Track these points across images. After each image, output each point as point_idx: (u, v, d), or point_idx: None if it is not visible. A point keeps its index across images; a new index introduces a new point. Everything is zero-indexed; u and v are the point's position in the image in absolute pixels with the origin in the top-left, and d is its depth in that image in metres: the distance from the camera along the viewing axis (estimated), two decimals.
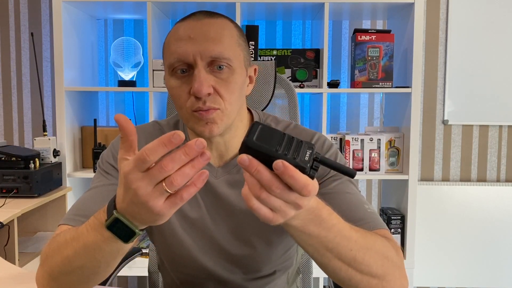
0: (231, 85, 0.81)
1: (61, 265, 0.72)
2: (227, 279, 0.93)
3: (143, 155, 0.54)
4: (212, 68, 0.80)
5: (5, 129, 2.51)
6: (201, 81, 0.77)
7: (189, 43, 0.79)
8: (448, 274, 2.43)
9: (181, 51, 0.79)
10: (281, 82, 1.27)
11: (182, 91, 0.81)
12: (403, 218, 2.14)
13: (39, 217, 2.10)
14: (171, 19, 2.43)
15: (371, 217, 0.80)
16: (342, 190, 0.85)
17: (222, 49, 0.79)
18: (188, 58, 0.79)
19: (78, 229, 0.70)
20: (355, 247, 0.66)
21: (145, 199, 0.56)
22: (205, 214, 0.91)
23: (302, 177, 0.54)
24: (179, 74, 0.81)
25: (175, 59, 0.80)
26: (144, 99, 2.46)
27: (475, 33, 2.39)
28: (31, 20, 2.46)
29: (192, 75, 0.79)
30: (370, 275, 0.68)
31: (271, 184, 0.54)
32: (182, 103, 0.81)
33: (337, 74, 2.46)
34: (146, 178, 0.55)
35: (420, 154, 2.48)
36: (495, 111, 2.42)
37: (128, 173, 0.56)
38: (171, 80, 0.82)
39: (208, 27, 0.80)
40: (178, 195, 0.56)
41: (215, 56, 0.79)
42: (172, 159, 0.54)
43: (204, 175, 0.56)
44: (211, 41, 0.79)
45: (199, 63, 0.79)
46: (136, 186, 0.55)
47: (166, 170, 0.54)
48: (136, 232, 0.61)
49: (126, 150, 0.58)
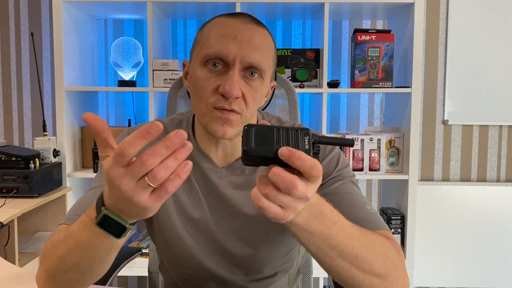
0: (258, 94, 0.83)
1: (57, 264, 0.72)
2: (228, 279, 0.93)
3: (121, 149, 0.53)
4: (245, 73, 0.81)
5: (5, 129, 2.51)
6: (234, 83, 0.78)
7: (234, 43, 0.79)
8: (448, 274, 2.43)
9: (224, 48, 0.79)
10: (281, 82, 1.27)
11: (208, 85, 0.81)
12: (403, 218, 2.14)
13: (39, 217, 2.10)
14: (171, 19, 2.43)
15: (372, 218, 0.81)
16: (344, 191, 0.85)
17: (261, 59, 0.80)
18: (228, 56, 0.79)
19: (71, 227, 0.70)
20: (357, 244, 0.66)
21: (129, 195, 0.55)
22: (207, 214, 0.91)
23: (309, 158, 0.54)
24: (211, 67, 0.81)
25: (214, 53, 0.80)
26: (144, 99, 2.46)
27: (475, 33, 2.39)
28: (31, 20, 2.46)
29: (224, 73, 0.80)
30: (372, 274, 0.68)
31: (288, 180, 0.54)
32: (204, 97, 0.81)
33: (337, 74, 2.46)
34: (128, 174, 0.54)
35: (420, 154, 2.48)
36: (495, 111, 2.42)
37: (109, 169, 0.55)
38: (200, 71, 0.82)
39: (255, 34, 0.81)
40: (163, 188, 0.55)
41: (254, 64, 0.80)
42: (153, 153, 0.53)
43: (188, 166, 0.55)
44: (254, 49, 0.80)
45: (237, 65, 0.79)
46: (119, 182, 0.55)
47: (147, 165, 0.53)
48: (127, 226, 0.61)
49: (103, 148, 0.58)
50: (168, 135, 0.52)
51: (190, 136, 0.93)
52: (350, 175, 0.89)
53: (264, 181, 0.55)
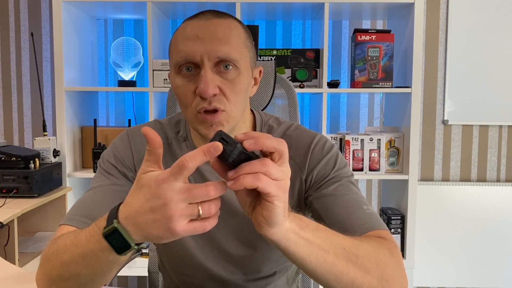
0: (237, 86, 0.81)
1: (59, 270, 0.71)
2: (227, 279, 0.93)
3: (183, 162, 0.53)
4: (218, 68, 0.80)
5: (5, 129, 2.51)
6: (207, 81, 0.77)
7: (197, 43, 0.78)
8: (448, 274, 2.43)
9: (189, 50, 0.78)
10: (281, 82, 1.27)
11: (187, 90, 0.80)
12: (403, 218, 2.14)
13: (39, 217, 2.10)
14: (171, 19, 2.43)
15: (369, 218, 0.80)
16: (341, 192, 0.85)
17: (229, 49, 0.79)
18: (195, 57, 0.78)
19: (78, 235, 0.69)
20: (348, 244, 0.68)
21: (172, 214, 0.54)
22: None
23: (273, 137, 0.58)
24: (185, 72, 0.80)
25: (182, 58, 0.79)
26: (144, 99, 2.46)
27: (475, 33, 2.39)
28: (31, 20, 2.46)
29: (198, 75, 0.79)
30: (368, 274, 0.68)
31: None
32: (187, 103, 0.81)
33: (337, 74, 2.46)
34: (184, 193, 0.54)
35: (420, 154, 2.48)
36: (495, 111, 2.42)
37: (163, 181, 0.54)
38: (177, 79, 0.82)
39: (216, 27, 0.80)
40: (205, 222, 0.56)
41: (222, 57, 0.78)
42: (216, 187, 0.55)
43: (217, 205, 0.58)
44: (219, 42, 0.79)
45: (206, 63, 0.78)
46: (170, 197, 0.54)
47: (209, 194, 0.54)
48: (132, 246, 0.59)
49: (152, 163, 0.58)
50: (236, 181, 0.55)
51: (187, 136, 0.93)
52: (348, 175, 0.88)
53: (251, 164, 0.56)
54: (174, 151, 0.93)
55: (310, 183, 0.88)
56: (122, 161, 0.90)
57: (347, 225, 0.78)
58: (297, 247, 0.63)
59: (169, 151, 0.93)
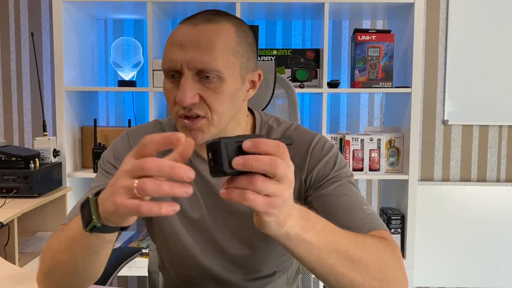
0: (219, 95, 0.79)
1: (50, 261, 0.74)
2: (227, 279, 0.93)
3: (142, 140, 0.56)
4: (200, 77, 0.78)
5: (5, 129, 2.51)
6: (184, 91, 0.77)
7: (179, 51, 0.78)
8: (448, 274, 2.43)
9: (171, 58, 0.78)
10: (281, 82, 1.27)
11: (171, 96, 0.81)
12: (403, 218, 2.14)
13: (39, 217, 2.10)
14: (171, 19, 2.43)
15: (369, 218, 0.80)
16: (341, 192, 0.84)
17: (210, 59, 0.76)
18: (176, 65, 0.78)
19: (70, 224, 0.71)
20: (352, 246, 0.66)
21: (117, 186, 0.56)
22: (206, 214, 0.91)
23: (271, 140, 0.54)
24: (171, 78, 0.81)
25: (165, 65, 0.80)
26: (144, 99, 2.46)
27: (475, 33, 2.39)
28: (31, 20, 2.46)
29: (179, 82, 0.79)
30: (370, 276, 0.67)
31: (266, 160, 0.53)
32: (171, 107, 0.82)
33: (337, 74, 2.46)
34: (131, 166, 0.55)
35: (420, 154, 2.48)
36: (495, 111, 2.42)
37: (127, 158, 0.57)
38: (165, 83, 0.83)
39: (200, 35, 0.78)
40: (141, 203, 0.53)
41: (201, 67, 0.77)
42: (158, 163, 0.53)
43: (175, 207, 0.54)
44: (200, 51, 0.77)
45: (186, 72, 0.77)
46: (121, 171, 0.56)
47: (145, 167, 0.53)
48: (93, 219, 0.60)
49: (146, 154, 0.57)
50: (182, 168, 0.52)
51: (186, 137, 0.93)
52: (348, 175, 0.88)
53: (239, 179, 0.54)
54: None
55: (310, 183, 0.88)
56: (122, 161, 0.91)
57: (348, 225, 0.78)
58: (297, 247, 0.62)
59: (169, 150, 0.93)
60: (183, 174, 0.52)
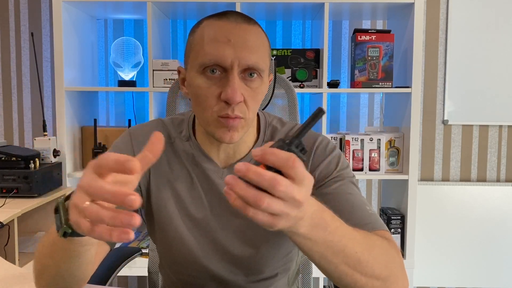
0: (258, 95, 0.81)
1: (36, 264, 0.75)
2: (228, 280, 0.93)
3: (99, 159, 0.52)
4: (244, 75, 0.79)
5: (5, 129, 2.51)
6: (236, 88, 0.76)
7: (228, 47, 0.77)
8: (448, 274, 2.43)
9: (219, 54, 0.77)
10: (281, 82, 1.27)
11: (210, 93, 0.79)
12: (403, 218, 2.14)
13: (39, 217, 2.10)
14: (171, 19, 2.43)
15: (371, 218, 0.80)
16: (343, 191, 0.85)
17: (257, 58, 0.79)
18: (225, 62, 0.77)
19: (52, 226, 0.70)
20: (360, 248, 0.65)
21: (73, 203, 0.53)
22: (209, 214, 0.91)
23: (283, 152, 0.51)
24: (209, 74, 0.79)
25: (210, 60, 0.78)
26: (144, 99, 2.46)
27: (475, 33, 2.39)
28: (31, 20, 2.46)
29: (223, 78, 0.78)
30: (374, 277, 0.68)
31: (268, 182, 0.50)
32: (208, 105, 0.80)
33: (337, 74, 2.46)
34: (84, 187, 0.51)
35: (420, 154, 2.48)
36: (495, 111, 2.42)
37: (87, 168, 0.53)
38: (199, 79, 0.80)
39: (247, 34, 0.79)
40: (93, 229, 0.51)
41: (251, 65, 0.78)
42: (101, 187, 0.49)
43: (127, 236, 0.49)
44: (250, 50, 0.78)
45: (235, 69, 0.77)
46: (78, 185, 0.53)
47: (89, 191, 0.50)
48: (62, 222, 0.58)
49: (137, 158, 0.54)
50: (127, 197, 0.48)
51: (190, 136, 0.93)
52: (350, 175, 0.89)
53: (243, 186, 0.51)
54: (177, 149, 0.93)
55: None
56: None
57: (350, 224, 0.78)
58: (302, 245, 0.61)
59: (172, 148, 0.93)
60: (126, 203, 0.48)
